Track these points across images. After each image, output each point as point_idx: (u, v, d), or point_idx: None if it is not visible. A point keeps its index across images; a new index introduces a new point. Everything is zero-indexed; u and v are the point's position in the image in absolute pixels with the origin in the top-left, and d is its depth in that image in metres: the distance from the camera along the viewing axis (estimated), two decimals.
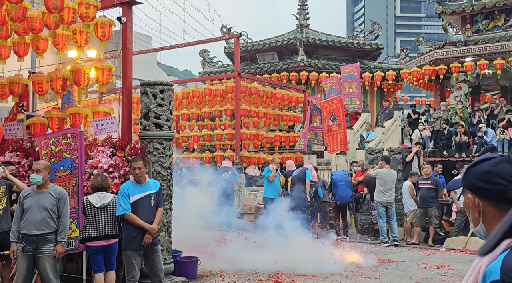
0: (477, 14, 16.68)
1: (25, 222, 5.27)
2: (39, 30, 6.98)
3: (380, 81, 20.30)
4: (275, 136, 16.67)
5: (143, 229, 5.49)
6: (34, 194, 5.40)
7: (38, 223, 5.28)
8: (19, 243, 5.30)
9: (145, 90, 6.88)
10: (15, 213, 5.40)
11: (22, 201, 5.36)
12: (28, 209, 5.29)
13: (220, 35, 20.95)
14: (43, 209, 5.31)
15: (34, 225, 5.27)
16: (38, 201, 5.33)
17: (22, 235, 5.28)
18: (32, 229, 5.26)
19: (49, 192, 5.43)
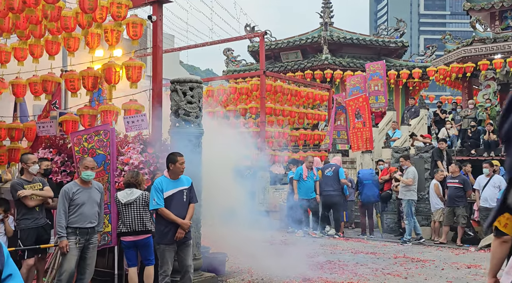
0: (507, 11, 16.36)
1: (79, 216, 5.55)
2: (72, 29, 7.12)
3: (406, 79, 20.07)
4: (300, 134, 16.64)
5: (176, 224, 5.58)
6: (84, 190, 5.66)
7: (92, 216, 5.67)
8: (70, 237, 5.50)
9: (175, 88, 6.94)
10: (61, 209, 5.51)
11: (72, 196, 5.56)
12: (83, 204, 5.58)
13: (244, 34, 21.01)
14: (95, 203, 5.72)
15: (89, 218, 5.64)
16: (89, 196, 5.67)
17: (74, 228, 5.53)
18: (87, 223, 5.62)
19: (95, 187, 5.81)
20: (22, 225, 5.99)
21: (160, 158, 6.68)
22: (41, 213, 6.14)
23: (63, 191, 5.60)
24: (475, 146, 14.20)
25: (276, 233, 12.13)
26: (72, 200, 5.55)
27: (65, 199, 5.54)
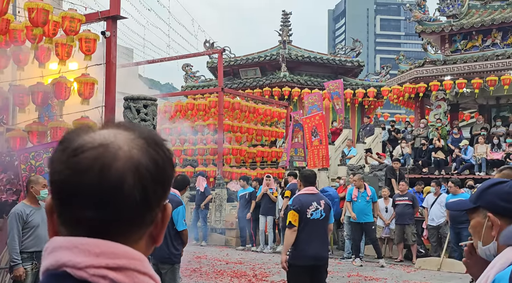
0: (456, 34, 17.08)
1: (35, 239, 5.26)
2: (22, 42, 6.90)
3: (362, 98, 20.55)
4: (257, 151, 16.68)
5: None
6: (36, 211, 5.37)
7: (47, 238, 5.27)
8: (26, 263, 5.22)
9: (129, 105, 6.82)
10: (15, 233, 5.17)
11: (27, 219, 5.23)
12: (37, 226, 5.28)
13: (203, 50, 21.02)
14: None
15: (45, 241, 5.29)
16: (42, 216, 5.36)
17: (30, 253, 5.24)
18: (43, 245, 5.22)
19: (43, 207, 5.48)
20: None
21: None
22: None
23: (15, 214, 5.25)
24: (426, 165, 14.61)
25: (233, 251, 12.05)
26: (26, 223, 5.23)
27: (19, 222, 5.20)
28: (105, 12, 7.13)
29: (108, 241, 0.77)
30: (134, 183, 0.76)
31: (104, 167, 0.76)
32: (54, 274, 0.78)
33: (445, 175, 13.55)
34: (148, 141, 0.80)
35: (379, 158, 14.32)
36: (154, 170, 0.79)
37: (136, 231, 0.81)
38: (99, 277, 0.74)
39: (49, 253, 0.82)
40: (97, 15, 7.11)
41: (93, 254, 0.76)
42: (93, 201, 0.76)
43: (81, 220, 0.78)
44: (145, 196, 0.78)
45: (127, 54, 29.53)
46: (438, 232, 10.48)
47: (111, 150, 0.77)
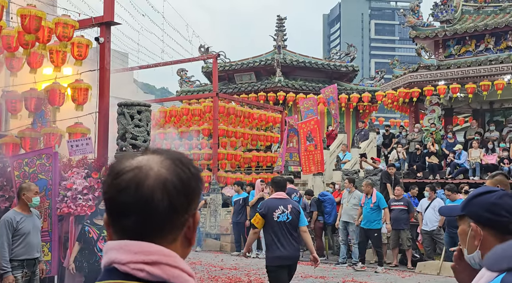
0: (449, 39, 17.16)
1: (26, 247, 5.23)
2: (15, 48, 6.88)
3: (356, 103, 20.61)
4: (252, 156, 16.67)
5: None
6: (27, 218, 5.33)
7: (37, 245, 5.39)
8: (16, 271, 5.17)
9: (122, 111, 6.81)
10: (5, 241, 5.11)
11: (17, 226, 5.18)
12: (28, 233, 5.24)
13: (198, 55, 21.03)
14: (39, 231, 5.45)
15: (36, 248, 5.34)
16: (33, 223, 5.36)
17: (20, 261, 5.20)
18: (34, 253, 5.32)
19: (35, 214, 5.52)
20: None
21: None
22: None
23: (6, 221, 5.20)
24: (421, 169, 14.65)
25: (227, 257, 12.02)
26: (16, 230, 5.18)
27: (9, 229, 5.15)
28: (98, 18, 7.13)
29: (144, 242, 0.98)
30: (162, 197, 0.98)
31: (138, 185, 0.98)
32: (107, 269, 1.01)
33: (440, 180, 13.59)
34: (174, 161, 1.02)
35: (373, 163, 14.34)
36: (179, 184, 1.00)
37: (168, 234, 1.02)
38: (137, 270, 0.96)
39: (104, 254, 1.03)
40: (91, 21, 7.12)
41: (132, 253, 0.97)
42: (131, 212, 0.98)
43: (125, 227, 1.00)
44: (172, 206, 0.99)
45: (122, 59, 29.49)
46: (432, 236, 10.49)
47: (143, 171, 0.99)
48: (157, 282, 0.97)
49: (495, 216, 1.57)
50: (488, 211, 1.58)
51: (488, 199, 1.61)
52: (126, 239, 0.99)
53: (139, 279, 0.96)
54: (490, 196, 1.62)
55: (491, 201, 1.60)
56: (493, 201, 1.59)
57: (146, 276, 0.96)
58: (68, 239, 6.38)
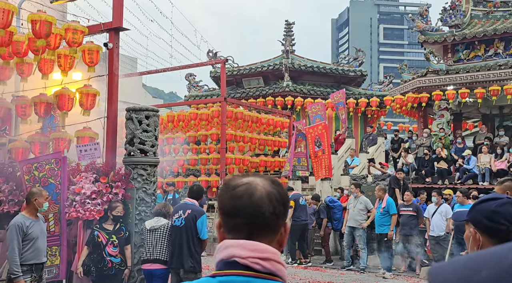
0: (458, 44, 17.08)
1: (35, 251, 5.27)
2: (25, 54, 6.95)
3: (364, 108, 20.55)
4: (260, 161, 16.66)
5: None
6: (35, 223, 5.38)
7: (45, 250, 5.46)
8: (26, 275, 5.21)
9: (131, 116, 6.85)
10: (15, 245, 5.13)
11: (27, 231, 5.21)
12: (37, 238, 5.29)
13: (206, 59, 21.10)
14: (45, 236, 5.51)
15: (43, 253, 5.40)
16: (41, 228, 5.42)
17: (29, 265, 5.23)
18: (42, 257, 5.38)
19: (41, 219, 5.58)
20: None
21: (114, 188, 6.52)
22: None
23: (16, 226, 5.22)
24: (430, 174, 14.56)
25: None
26: (26, 235, 5.22)
27: (19, 234, 5.19)
28: (107, 24, 7.19)
29: (257, 242, 1.28)
30: (268, 204, 1.30)
31: (251, 195, 1.30)
32: (227, 262, 1.28)
33: (449, 185, 13.50)
34: (271, 180, 1.36)
35: (382, 168, 14.29)
36: (279, 196, 1.33)
37: (270, 235, 1.31)
38: (254, 263, 1.25)
39: (223, 249, 1.30)
40: (100, 27, 7.17)
41: (250, 250, 1.26)
42: (245, 215, 1.29)
43: (240, 227, 1.30)
44: (274, 212, 1.30)
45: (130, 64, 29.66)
46: (439, 242, 10.41)
47: (253, 185, 1.32)
48: (267, 273, 1.26)
49: (493, 223, 1.59)
50: (487, 218, 1.61)
51: (489, 206, 1.64)
52: (240, 238, 1.28)
53: (255, 271, 1.25)
54: (491, 204, 1.64)
55: (491, 208, 1.62)
56: (493, 209, 1.62)
57: (260, 269, 1.25)
58: (76, 243, 6.41)
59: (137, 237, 6.51)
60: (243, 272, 1.25)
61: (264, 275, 1.26)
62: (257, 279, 1.25)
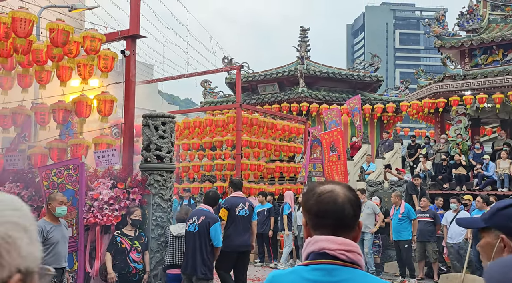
0: (476, 49, 16.91)
1: (55, 256, 5.33)
2: (44, 62, 7.07)
3: (380, 113, 20.42)
4: (276, 167, 16.64)
5: None
6: (56, 227, 5.46)
7: (65, 255, 5.51)
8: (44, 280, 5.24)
9: (147, 122, 6.92)
10: None
11: (47, 235, 5.30)
12: (57, 243, 5.36)
13: (222, 66, 21.21)
14: (67, 241, 5.57)
15: (64, 258, 5.45)
16: (62, 233, 5.49)
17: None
18: (62, 262, 5.43)
19: (63, 224, 5.65)
20: None
21: (131, 194, 6.58)
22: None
23: (39, 229, 5.38)
24: (447, 180, 14.38)
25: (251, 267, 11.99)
26: (46, 239, 5.30)
27: (39, 238, 5.33)
28: (124, 32, 7.28)
29: (342, 238, 1.57)
30: (349, 208, 1.60)
31: (335, 200, 1.60)
32: (318, 253, 1.58)
33: (467, 191, 13.32)
34: (348, 188, 1.66)
35: (398, 174, 14.16)
36: (356, 201, 1.63)
37: (349, 232, 1.61)
38: (341, 254, 1.55)
39: (313, 243, 1.60)
40: (117, 35, 7.26)
41: (337, 244, 1.56)
42: (330, 216, 1.59)
43: (326, 226, 1.60)
44: (354, 213, 1.61)
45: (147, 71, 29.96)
46: (458, 250, 10.26)
47: (336, 193, 1.62)
48: (350, 263, 1.56)
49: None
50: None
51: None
52: (327, 235, 1.58)
53: (341, 260, 1.55)
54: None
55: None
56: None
57: (346, 259, 1.55)
58: (95, 248, 6.47)
59: (154, 242, 6.55)
60: (332, 261, 1.55)
61: (348, 264, 1.56)
62: (343, 267, 1.55)
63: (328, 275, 1.54)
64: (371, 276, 1.60)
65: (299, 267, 1.60)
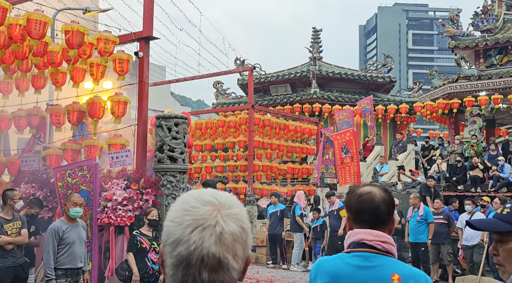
0: (491, 49, 16.73)
1: (70, 256, 5.36)
2: (59, 64, 7.14)
3: (393, 114, 20.29)
4: (288, 168, 16.62)
5: None
6: (72, 228, 5.47)
7: (82, 255, 5.52)
8: (60, 279, 5.30)
9: (160, 123, 6.94)
10: (50, 249, 5.25)
11: (62, 235, 5.33)
12: (73, 243, 5.38)
13: (234, 67, 21.25)
14: (83, 242, 5.57)
15: (79, 258, 5.47)
16: (78, 234, 5.50)
17: (65, 270, 5.33)
18: (77, 263, 5.45)
19: (81, 225, 5.65)
20: (0, 264, 5.82)
21: (145, 195, 6.61)
22: (19, 252, 5.97)
23: (52, 230, 5.35)
24: (462, 182, 14.23)
25: (263, 269, 11.98)
26: (62, 239, 5.33)
27: (55, 238, 5.29)
28: (138, 33, 7.32)
29: (378, 231, 1.90)
30: (384, 207, 1.92)
31: (372, 200, 1.92)
32: (357, 243, 1.90)
33: (481, 193, 13.17)
34: (384, 189, 1.98)
35: (412, 175, 14.04)
36: (390, 201, 1.95)
37: (385, 226, 1.94)
38: (377, 244, 1.87)
39: (354, 235, 1.92)
40: (131, 36, 7.31)
41: (374, 235, 1.89)
42: (368, 213, 1.92)
43: (365, 221, 1.93)
44: (388, 211, 1.93)
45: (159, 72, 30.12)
46: (473, 252, 10.13)
47: (373, 193, 1.94)
48: (385, 252, 1.87)
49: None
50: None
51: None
52: (365, 228, 1.91)
53: (377, 249, 1.87)
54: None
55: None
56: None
57: (381, 248, 1.87)
58: (109, 249, 6.50)
59: None
60: (370, 250, 1.87)
61: (382, 252, 1.87)
62: (378, 255, 1.87)
63: (366, 261, 1.87)
64: (401, 263, 1.91)
65: (342, 254, 1.94)
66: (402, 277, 1.83)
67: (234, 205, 1.06)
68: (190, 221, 1.00)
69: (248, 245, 1.06)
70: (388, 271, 1.84)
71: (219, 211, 1.02)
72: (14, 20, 6.17)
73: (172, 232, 1.01)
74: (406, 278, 1.83)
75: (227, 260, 0.99)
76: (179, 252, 0.99)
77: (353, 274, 1.86)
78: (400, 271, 1.84)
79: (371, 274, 1.84)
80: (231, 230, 1.02)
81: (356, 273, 1.86)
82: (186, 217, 1.01)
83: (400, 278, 1.82)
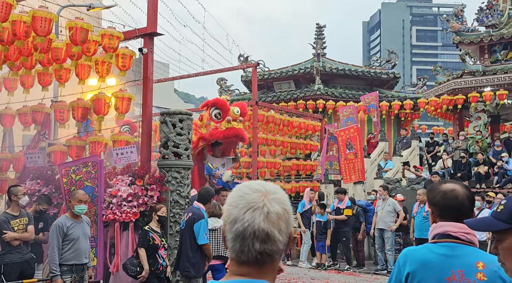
0: (496, 44, 16.63)
1: (75, 252, 5.38)
2: (63, 60, 7.14)
3: (398, 110, 20.23)
4: (292, 164, 16.61)
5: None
6: (77, 224, 5.49)
7: (86, 251, 5.54)
8: (65, 275, 5.31)
9: (165, 119, 6.95)
10: (55, 245, 5.27)
11: (67, 231, 5.34)
12: (78, 239, 5.40)
13: (237, 64, 21.21)
14: (88, 238, 5.61)
15: (84, 254, 5.49)
16: (83, 230, 5.52)
17: (70, 266, 5.34)
18: (82, 258, 5.47)
19: (85, 221, 5.70)
20: (6, 260, 5.83)
21: (149, 191, 6.62)
22: (26, 248, 6.00)
23: (56, 226, 5.36)
24: (466, 178, 14.19)
25: None
26: (66, 235, 5.35)
27: (59, 234, 5.31)
28: (142, 30, 7.31)
29: (460, 223, 2.09)
30: (468, 203, 2.16)
31: (457, 197, 2.16)
32: (442, 234, 2.14)
33: (486, 189, 13.13)
34: (465, 187, 2.22)
35: (416, 171, 14.02)
36: (470, 197, 2.19)
37: (465, 219, 1.98)
38: (461, 235, 2.09)
39: (438, 227, 2.15)
40: (135, 33, 7.30)
41: (458, 228, 2.09)
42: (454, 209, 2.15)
43: (449, 215, 2.16)
44: (470, 206, 2.18)
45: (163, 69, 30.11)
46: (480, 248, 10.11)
47: (457, 191, 2.16)
48: (468, 242, 2.07)
49: None
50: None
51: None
52: (450, 221, 2.12)
53: (461, 240, 2.07)
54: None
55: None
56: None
57: (465, 239, 2.07)
58: (114, 245, 6.52)
59: (172, 239, 6.58)
60: (455, 240, 2.07)
61: (466, 242, 2.06)
62: (463, 245, 2.06)
63: (451, 250, 2.06)
64: (484, 252, 2.10)
65: (428, 244, 2.15)
66: (486, 264, 1.99)
67: (278, 192, 1.30)
68: (244, 204, 1.25)
69: (290, 223, 1.29)
70: (473, 259, 2.02)
71: (265, 196, 1.26)
72: (18, 17, 6.17)
73: (231, 213, 1.26)
74: (489, 265, 1.98)
75: (273, 233, 1.23)
76: (236, 228, 1.24)
77: (441, 262, 2.04)
78: (484, 259, 2.02)
79: (457, 262, 2.03)
80: (276, 210, 1.25)
81: (443, 261, 2.04)
82: (240, 201, 1.26)
83: (484, 265, 1.99)
